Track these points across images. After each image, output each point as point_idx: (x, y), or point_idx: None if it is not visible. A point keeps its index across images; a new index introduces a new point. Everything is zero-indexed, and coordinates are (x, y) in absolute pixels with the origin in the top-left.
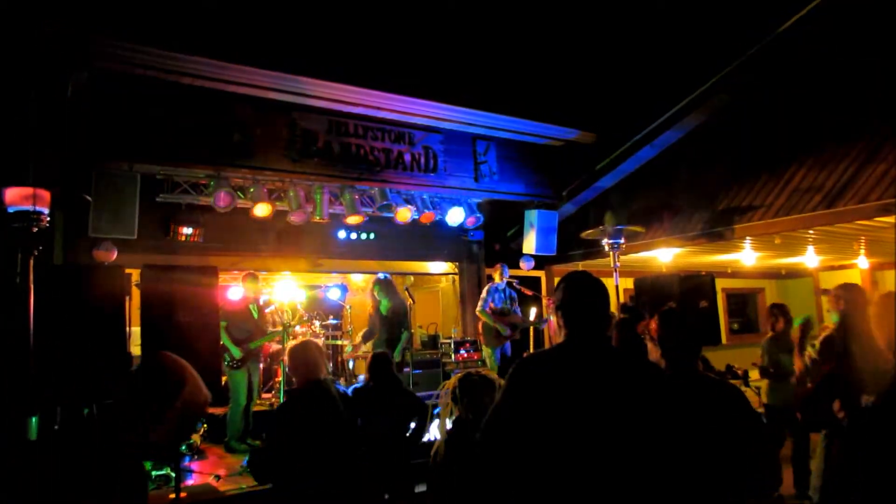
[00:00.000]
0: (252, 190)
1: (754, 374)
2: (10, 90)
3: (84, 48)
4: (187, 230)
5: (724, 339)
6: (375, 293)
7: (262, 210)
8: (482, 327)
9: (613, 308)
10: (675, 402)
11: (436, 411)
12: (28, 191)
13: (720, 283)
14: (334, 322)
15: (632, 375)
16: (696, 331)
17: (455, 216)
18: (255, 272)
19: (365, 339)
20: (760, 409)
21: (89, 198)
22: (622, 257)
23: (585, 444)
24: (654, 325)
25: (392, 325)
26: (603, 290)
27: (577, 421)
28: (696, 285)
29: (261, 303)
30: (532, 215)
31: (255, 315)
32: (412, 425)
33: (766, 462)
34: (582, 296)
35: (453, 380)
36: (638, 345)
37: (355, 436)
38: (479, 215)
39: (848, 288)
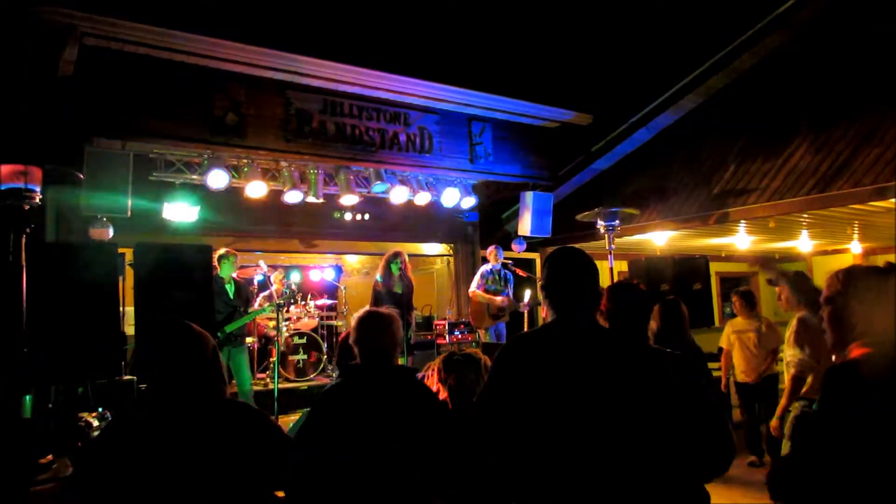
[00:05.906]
0: (246, 169)
1: None
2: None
3: (75, 25)
4: (181, 209)
5: (716, 322)
6: (393, 268)
7: (255, 189)
8: (472, 309)
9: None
10: (629, 375)
11: None
12: (19, 167)
13: (714, 267)
14: (329, 302)
15: (618, 355)
16: (644, 305)
17: (450, 197)
18: (232, 250)
19: None
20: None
21: (82, 176)
22: (617, 240)
23: (567, 424)
24: (602, 298)
25: (402, 304)
26: (590, 266)
27: (559, 400)
28: (690, 268)
29: (255, 282)
30: (527, 197)
31: (231, 295)
32: None
33: (715, 432)
34: (567, 272)
35: (438, 360)
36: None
37: None
38: (474, 197)
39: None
